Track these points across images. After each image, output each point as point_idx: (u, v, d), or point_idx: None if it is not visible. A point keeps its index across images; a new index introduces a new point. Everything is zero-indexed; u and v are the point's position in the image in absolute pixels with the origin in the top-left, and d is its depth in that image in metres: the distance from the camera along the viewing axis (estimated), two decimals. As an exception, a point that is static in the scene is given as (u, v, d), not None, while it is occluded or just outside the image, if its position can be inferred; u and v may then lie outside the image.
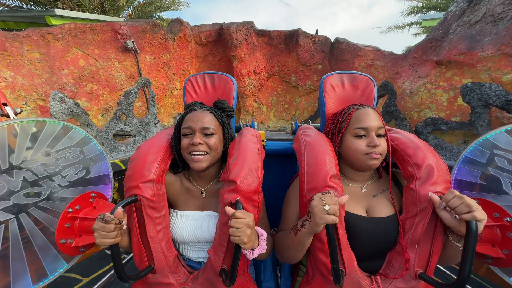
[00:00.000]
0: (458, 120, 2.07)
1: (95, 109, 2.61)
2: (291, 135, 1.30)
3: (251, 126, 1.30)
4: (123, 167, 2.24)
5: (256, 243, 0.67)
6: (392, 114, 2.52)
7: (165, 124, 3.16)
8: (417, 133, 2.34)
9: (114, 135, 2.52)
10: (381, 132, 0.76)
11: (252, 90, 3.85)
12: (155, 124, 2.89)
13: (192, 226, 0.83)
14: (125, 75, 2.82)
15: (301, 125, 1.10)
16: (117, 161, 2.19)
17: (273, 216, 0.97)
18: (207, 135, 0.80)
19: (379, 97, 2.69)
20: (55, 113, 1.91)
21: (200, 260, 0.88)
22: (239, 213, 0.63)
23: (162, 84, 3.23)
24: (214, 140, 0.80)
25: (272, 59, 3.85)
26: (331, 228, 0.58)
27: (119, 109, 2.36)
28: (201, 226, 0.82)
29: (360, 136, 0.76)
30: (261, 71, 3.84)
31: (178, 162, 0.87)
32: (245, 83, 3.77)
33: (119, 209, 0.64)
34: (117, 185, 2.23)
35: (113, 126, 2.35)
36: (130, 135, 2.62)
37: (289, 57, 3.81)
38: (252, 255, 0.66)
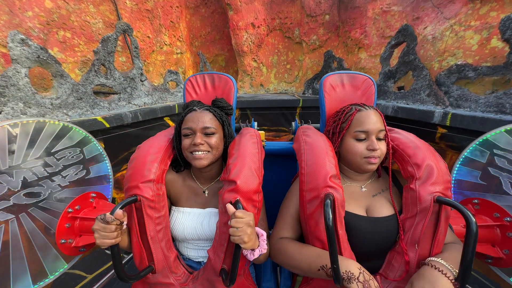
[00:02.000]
0: (490, 65, 1.77)
1: (71, 62, 2.29)
2: (294, 95, 1.19)
3: (251, 126, 1.30)
4: (107, 125, 2.00)
5: (257, 244, 0.67)
6: (409, 64, 2.21)
7: (155, 83, 2.85)
8: (438, 84, 2.06)
9: (96, 93, 2.24)
10: (382, 135, 0.77)
11: (250, 47, 3.46)
12: (142, 81, 2.58)
13: (193, 222, 0.84)
14: (102, 23, 2.44)
15: (301, 125, 1.10)
16: (99, 118, 1.94)
17: (273, 216, 0.95)
18: (207, 134, 0.81)
19: (396, 45, 2.35)
20: (16, 57, 1.61)
21: (200, 260, 0.89)
22: (239, 212, 0.63)
23: (148, 37, 2.85)
24: (215, 139, 0.81)
25: (273, 9, 3.38)
26: (331, 228, 0.57)
27: (97, 59, 2.04)
28: (202, 223, 0.83)
29: (361, 140, 0.77)
30: (261, 24, 3.40)
31: (179, 161, 0.88)
32: (243, 38, 3.37)
33: (119, 210, 0.63)
34: (103, 145, 2.02)
35: (91, 79, 2.05)
36: (114, 93, 2.34)
37: (292, 7, 3.34)
38: (252, 255, 0.66)
